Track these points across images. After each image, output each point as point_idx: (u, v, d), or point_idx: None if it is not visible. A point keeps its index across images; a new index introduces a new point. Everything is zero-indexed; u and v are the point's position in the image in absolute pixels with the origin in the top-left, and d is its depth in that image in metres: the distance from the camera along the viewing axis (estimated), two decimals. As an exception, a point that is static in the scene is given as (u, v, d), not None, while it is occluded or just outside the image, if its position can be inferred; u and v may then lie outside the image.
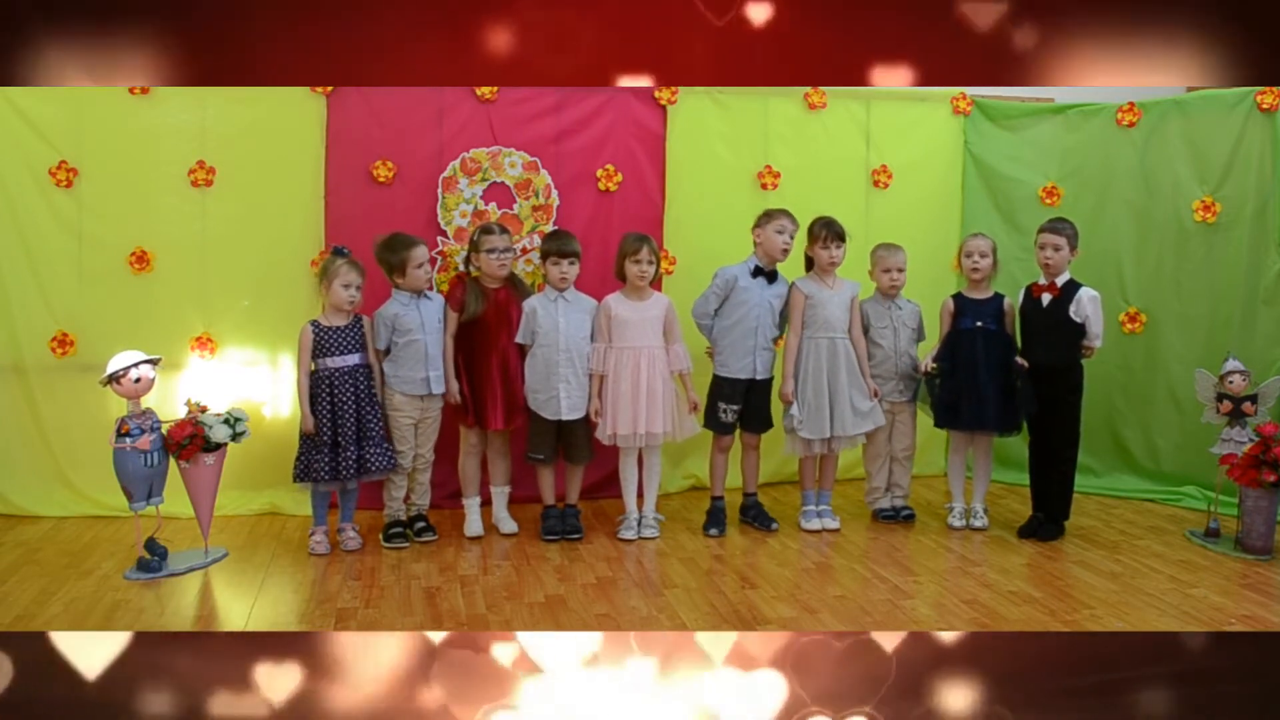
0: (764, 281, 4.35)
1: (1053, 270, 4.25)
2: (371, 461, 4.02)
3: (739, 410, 4.37)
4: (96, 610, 3.39)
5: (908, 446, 4.58)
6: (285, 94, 4.45)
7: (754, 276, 4.35)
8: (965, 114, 5.36)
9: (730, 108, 5.01)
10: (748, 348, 4.33)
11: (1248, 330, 4.67)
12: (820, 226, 4.36)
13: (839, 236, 4.33)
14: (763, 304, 4.33)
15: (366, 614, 3.39)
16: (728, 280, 4.35)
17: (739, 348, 4.33)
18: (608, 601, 3.54)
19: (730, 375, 4.34)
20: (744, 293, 4.33)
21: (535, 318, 4.20)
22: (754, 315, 4.33)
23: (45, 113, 4.33)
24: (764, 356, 4.36)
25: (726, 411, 4.35)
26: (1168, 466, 4.98)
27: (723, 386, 4.36)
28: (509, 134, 4.69)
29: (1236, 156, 4.73)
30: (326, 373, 4.01)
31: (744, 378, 4.34)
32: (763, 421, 4.45)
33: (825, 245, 4.33)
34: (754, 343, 4.33)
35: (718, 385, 4.38)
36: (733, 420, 4.38)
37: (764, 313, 4.34)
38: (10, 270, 4.36)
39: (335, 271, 4.00)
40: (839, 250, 4.34)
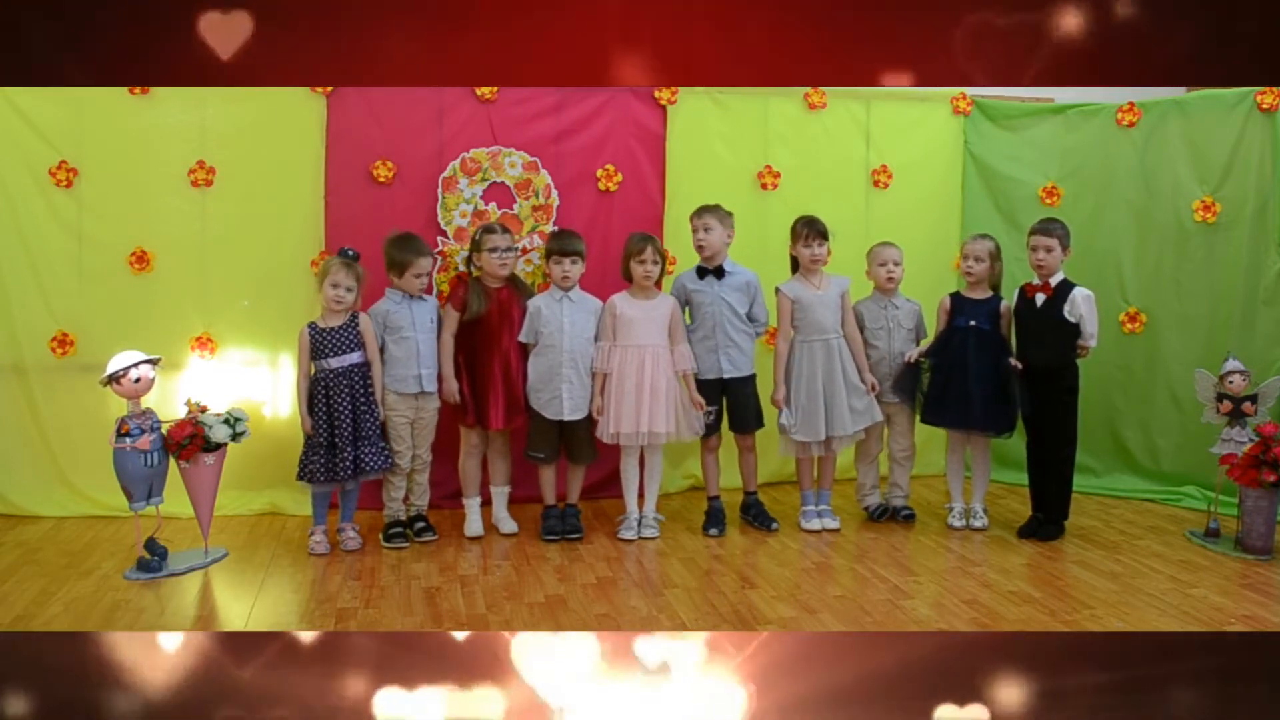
0: (713, 279, 4.35)
1: (1046, 271, 4.25)
2: (367, 461, 4.02)
3: (715, 411, 4.36)
4: (96, 610, 3.39)
5: (906, 447, 4.58)
6: (285, 94, 4.45)
7: (701, 278, 4.36)
8: (965, 114, 5.36)
9: (730, 108, 5.01)
10: (710, 347, 4.33)
11: (1248, 330, 4.67)
12: (801, 225, 4.35)
13: (820, 234, 4.32)
14: (716, 301, 4.33)
15: (366, 614, 3.39)
16: (678, 288, 4.41)
17: (704, 347, 4.34)
18: (608, 601, 3.54)
19: (700, 377, 4.33)
20: (697, 295, 4.36)
21: (540, 317, 4.20)
22: (710, 315, 4.33)
23: (45, 113, 4.33)
24: (731, 354, 4.34)
25: (707, 413, 4.35)
26: (1168, 466, 4.97)
27: (699, 388, 4.35)
28: (509, 134, 4.69)
29: (1236, 156, 4.73)
30: (324, 374, 4.01)
31: (713, 378, 4.34)
32: (750, 420, 4.43)
33: (807, 243, 4.32)
34: (716, 341, 4.33)
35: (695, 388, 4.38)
36: (710, 421, 4.36)
37: (720, 309, 4.33)
38: (10, 270, 4.36)
39: (326, 270, 4.02)
40: (821, 248, 4.33)
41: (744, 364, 4.38)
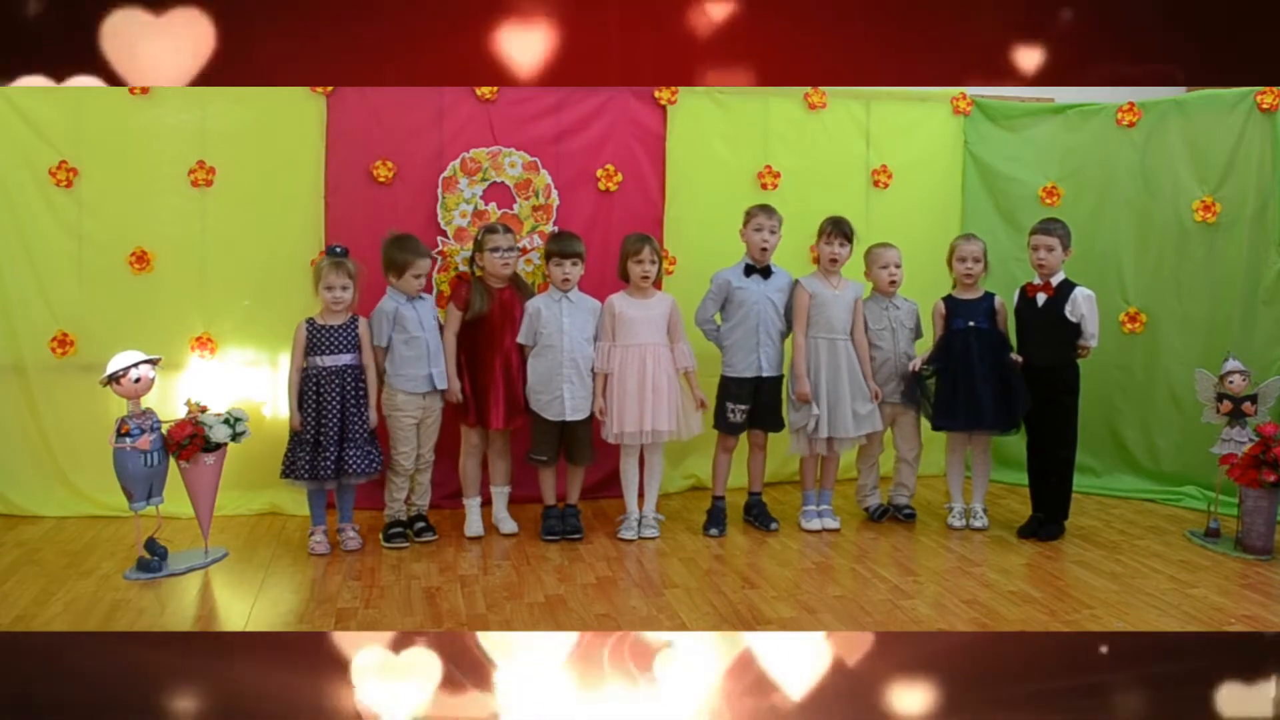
0: (759, 278, 4.35)
1: (1047, 271, 4.25)
2: (350, 464, 4.00)
3: (748, 410, 4.37)
4: (96, 610, 3.39)
5: (913, 448, 4.58)
6: (285, 94, 4.45)
7: (747, 276, 4.35)
8: (965, 114, 5.36)
9: (730, 108, 5.01)
10: (751, 345, 4.33)
11: (1248, 330, 4.67)
12: (828, 223, 4.36)
13: (844, 235, 4.33)
14: (762, 300, 4.33)
15: (366, 614, 3.39)
16: (721, 284, 4.37)
17: (743, 346, 4.33)
18: (608, 601, 3.54)
19: (737, 375, 4.34)
20: (741, 292, 4.34)
21: (539, 318, 4.20)
22: (755, 313, 4.33)
23: (45, 113, 4.32)
24: (769, 353, 4.35)
25: (735, 412, 4.35)
26: (1168, 466, 4.98)
27: (730, 387, 4.36)
28: (509, 134, 4.69)
29: (1236, 156, 4.73)
30: (315, 371, 4.00)
31: (750, 376, 4.34)
32: (774, 421, 4.43)
33: (829, 241, 4.33)
34: (757, 340, 4.33)
35: (725, 386, 4.38)
36: (741, 420, 4.37)
37: (765, 308, 4.33)
38: (10, 270, 4.36)
39: (318, 272, 4.01)
40: (842, 249, 4.34)
41: (778, 363, 4.39)
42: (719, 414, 4.39)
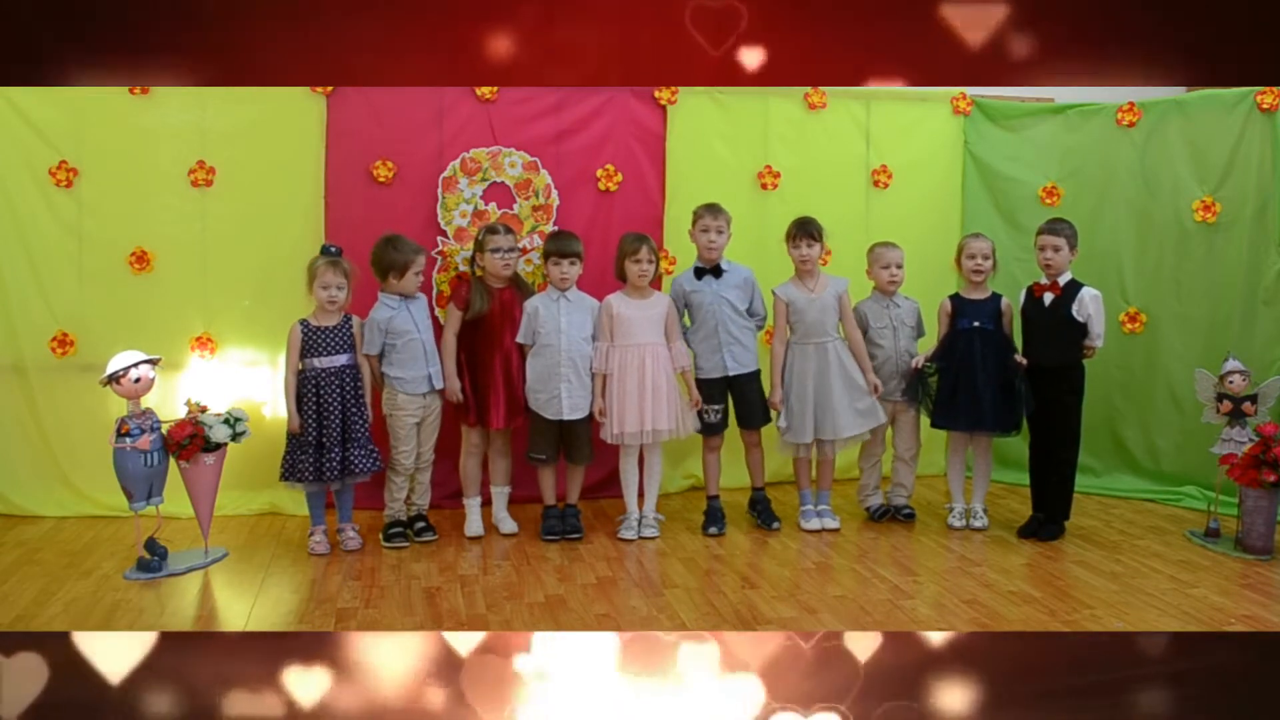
0: (711, 278, 4.35)
1: (1054, 271, 4.25)
2: (356, 463, 4.01)
3: (721, 410, 4.38)
4: (96, 610, 3.39)
5: (911, 446, 4.58)
6: (285, 94, 4.45)
7: (699, 278, 4.36)
8: (965, 114, 5.36)
9: (730, 108, 5.01)
10: (714, 345, 4.33)
11: (1248, 330, 4.67)
12: (793, 225, 4.36)
13: (810, 235, 4.30)
14: (717, 300, 4.33)
15: (366, 614, 3.39)
16: (676, 290, 4.41)
17: (707, 347, 4.35)
18: (608, 601, 3.54)
19: (705, 376, 4.36)
20: (696, 295, 4.36)
21: (537, 318, 4.20)
22: (712, 314, 4.33)
23: (45, 113, 4.33)
24: (735, 351, 4.35)
25: (709, 412, 4.36)
26: (1168, 466, 4.97)
27: (701, 388, 4.36)
28: (509, 134, 4.69)
29: (1236, 156, 4.73)
30: (313, 373, 4.00)
31: (718, 376, 4.35)
32: (756, 416, 4.43)
33: (795, 244, 4.33)
34: (719, 340, 4.33)
35: (699, 388, 4.38)
36: (716, 420, 4.38)
37: (721, 308, 4.33)
38: (10, 270, 4.37)
39: (313, 273, 4.01)
40: (811, 249, 4.32)
41: (748, 360, 4.38)
42: (698, 415, 4.40)
